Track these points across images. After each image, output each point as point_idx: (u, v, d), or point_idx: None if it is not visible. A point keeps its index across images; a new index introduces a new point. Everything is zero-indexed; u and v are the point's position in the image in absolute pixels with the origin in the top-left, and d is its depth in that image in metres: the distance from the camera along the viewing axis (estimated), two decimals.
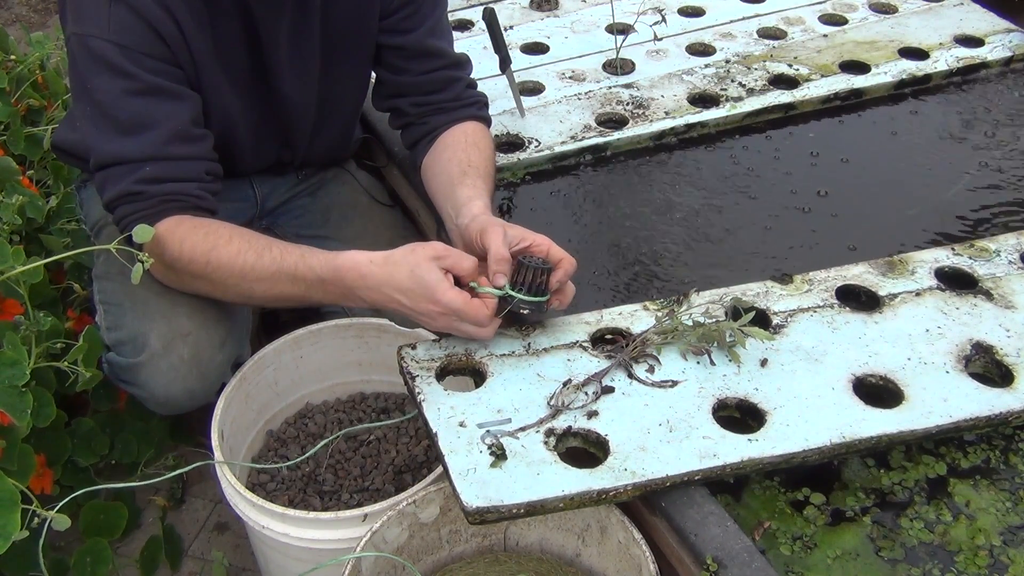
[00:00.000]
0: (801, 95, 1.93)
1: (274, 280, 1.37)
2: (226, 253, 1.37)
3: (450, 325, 1.28)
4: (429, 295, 1.25)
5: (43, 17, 3.84)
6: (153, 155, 1.38)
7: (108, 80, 1.35)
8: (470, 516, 1.10)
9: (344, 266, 1.32)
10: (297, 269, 1.35)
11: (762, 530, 1.19)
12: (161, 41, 1.37)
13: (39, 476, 1.52)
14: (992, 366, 1.30)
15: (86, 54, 1.35)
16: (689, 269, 1.58)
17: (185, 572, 1.83)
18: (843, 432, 1.19)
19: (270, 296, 1.40)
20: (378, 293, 1.30)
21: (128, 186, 1.39)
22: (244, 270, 1.37)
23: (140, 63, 1.36)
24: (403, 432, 1.64)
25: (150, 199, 1.39)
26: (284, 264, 1.36)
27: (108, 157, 1.39)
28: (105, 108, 1.37)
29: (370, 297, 1.31)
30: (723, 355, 1.30)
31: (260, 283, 1.38)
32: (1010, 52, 2.04)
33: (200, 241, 1.38)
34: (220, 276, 1.39)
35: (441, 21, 1.62)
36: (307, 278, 1.35)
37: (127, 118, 1.37)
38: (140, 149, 1.38)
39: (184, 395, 1.53)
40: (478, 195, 1.44)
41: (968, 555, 1.14)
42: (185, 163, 1.42)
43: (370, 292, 1.30)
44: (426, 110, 1.62)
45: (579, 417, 1.22)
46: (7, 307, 1.56)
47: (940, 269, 1.46)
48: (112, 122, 1.38)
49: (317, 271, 1.34)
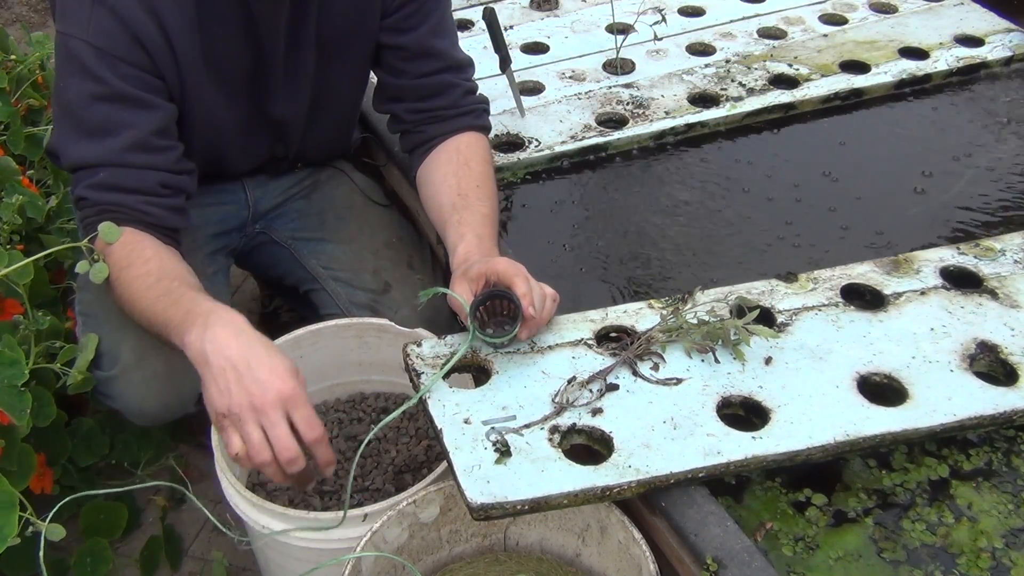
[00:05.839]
0: (801, 95, 1.93)
1: (152, 306, 1.29)
2: (131, 274, 1.32)
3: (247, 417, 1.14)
4: (279, 371, 1.15)
5: (43, 17, 3.84)
6: (109, 161, 1.37)
7: (79, 82, 1.35)
8: (475, 513, 1.10)
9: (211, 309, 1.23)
10: (175, 294, 1.28)
11: (764, 531, 1.18)
12: (140, 47, 1.36)
13: (39, 476, 1.52)
14: (997, 365, 1.30)
15: (64, 54, 1.35)
16: (693, 267, 1.58)
17: (185, 572, 1.82)
18: (847, 430, 1.18)
19: (144, 323, 1.32)
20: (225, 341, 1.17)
21: (80, 190, 1.38)
22: (133, 295, 1.32)
23: (113, 68, 1.35)
24: (403, 432, 1.64)
25: (92, 207, 1.37)
26: (169, 289, 1.30)
27: (71, 160, 1.39)
28: (73, 110, 1.37)
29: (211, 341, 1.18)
30: (727, 353, 1.29)
31: (141, 306, 1.31)
32: (1010, 52, 2.04)
33: (119, 258, 1.34)
34: (119, 293, 1.35)
35: (444, 20, 1.60)
36: (179, 304, 1.26)
37: (92, 122, 1.36)
38: (97, 154, 1.37)
39: (159, 408, 1.52)
40: (463, 235, 1.42)
41: (970, 557, 1.14)
42: (139, 172, 1.39)
43: (216, 340, 1.18)
44: (422, 117, 1.60)
45: (583, 414, 1.21)
46: (7, 307, 1.56)
47: (945, 268, 1.45)
48: (78, 125, 1.37)
49: (194, 300, 1.26)
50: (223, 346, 1.17)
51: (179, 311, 1.25)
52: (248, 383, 1.14)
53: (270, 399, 1.14)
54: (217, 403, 1.16)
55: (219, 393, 1.15)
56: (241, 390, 1.14)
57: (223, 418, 1.16)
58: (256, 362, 1.16)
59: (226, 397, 1.15)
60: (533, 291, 1.28)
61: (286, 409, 1.15)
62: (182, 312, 1.24)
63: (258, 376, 1.15)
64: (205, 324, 1.20)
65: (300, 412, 1.16)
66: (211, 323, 1.19)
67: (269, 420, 1.14)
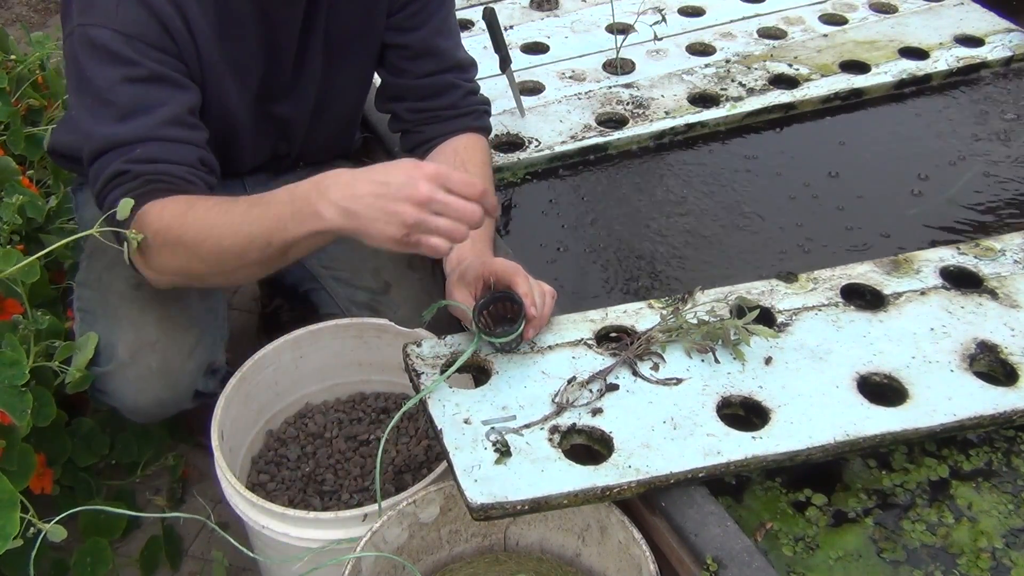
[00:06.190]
0: (801, 95, 1.93)
1: (242, 218, 1.26)
2: (201, 208, 1.30)
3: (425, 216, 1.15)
4: (407, 166, 1.17)
5: (43, 17, 3.84)
6: (146, 136, 1.34)
7: (109, 68, 1.33)
8: (475, 513, 1.10)
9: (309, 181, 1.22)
10: (264, 196, 1.26)
11: (764, 531, 1.18)
12: (168, 36, 1.36)
13: (39, 476, 1.51)
14: (997, 365, 1.30)
15: (88, 44, 1.34)
16: (693, 267, 1.58)
17: (185, 572, 1.82)
18: (847, 430, 1.18)
19: (237, 246, 1.27)
20: (347, 183, 1.19)
21: (118, 166, 1.33)
22: (214, 221, 1.29)
23: (144, 52, 1.34)
24: (403, 432, 1.64)
25: (137, 178, 1.33)
26: (252, 199, 1.28)
27: (102, 142, 1.35)
28: (104, 95, 1.34)
29: (337, 194, 1.18)
30: (727, 353, 1.30)
31: (228, 228, 1.27)
32: (1010, 52, 2.05)
33: (179, 206, 1.31)
34: (192, 235, 1.29)
35: (448, 21, 1.61)
36: (274, 199, 1.25)
37: (125, 103, 1.34)
38: (134, 131, 1.34)
39: (154, 404, 1.52)
40: None
41: (970, 557, 1.14)
42: (179, 146, 1.37)
43: (338, 187, 1.19)
44: (422, 117, 1.61)
45: (583, 414, 1.21)
46: (7, 307, 1.56)
47: (945, 268, 1.46)
48: (110, 108, 1.34)
49: (288, 188, 1.25)
50: (350, 187, 1.17)
51: (281, 205, 1.23)
52: (398, 192, 1.14)
53: (425, 188, 1.14)
54: (393, 230, 1.15)
55: (387, 221, 1.14)
56: (398, 201, 1.14)
57: (408, 235, 1.15)
58: (386, 174, 1.17)
59: (395, 218, 1.14)
60: (533, 290, 1.28)
61: (440, 184, 1.16)
62: (285, 202, 1.23)
63: (399, 180, 1.15)
64: (319, 190, 1.19)
65: (452, 180, 1.16)
66: (324, 185, 1.19)
67: (440, 203, 1.15)
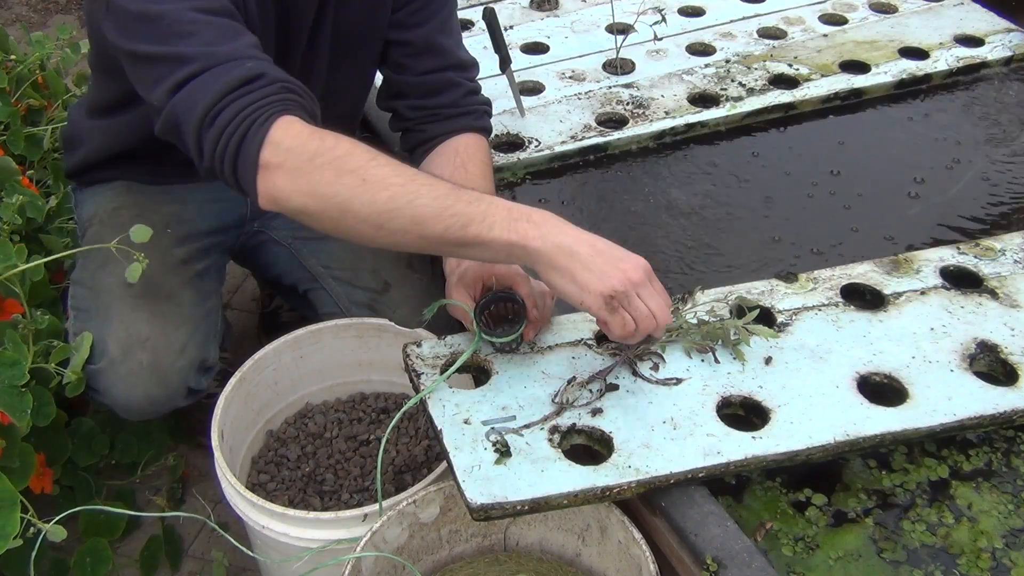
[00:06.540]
0: (801, 95, 1.93)
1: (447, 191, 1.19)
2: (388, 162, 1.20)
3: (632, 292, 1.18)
4: (623, 254, 1.20)
5: (43, 17, 3.84)
6: (252, 55, 1.23)
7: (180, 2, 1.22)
8: (474, 513, 1.10)
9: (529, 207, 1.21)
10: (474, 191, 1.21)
11: (764, 531, 1.18)
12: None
13: (39, 475, 1.51)
14: (997, 365, 1.30)
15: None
16: (693, 267, 1.58)
17: (185, 572, 1.82)
18: (847, 430, 1.19)
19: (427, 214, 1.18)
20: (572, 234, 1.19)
21: (243, 71, 1.19)
22: (409, 177, 1.20)
23: None
24: (403, 432, 1.64)
25: (273, 83, 1.21)
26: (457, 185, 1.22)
27: (204, 59, 1.20)
28: (182, 26, 1.21)
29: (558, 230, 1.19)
30: (727, 353, 1.30)
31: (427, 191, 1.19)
32: (1010, 52, 2.04)
33: (357, 145, 1.22)
34: (378, 179, 1.18)
35: (450, 20, 1.61)
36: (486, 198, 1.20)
37: (212, 29, 1.22)
38: (237, 48, 1.22)
39: (145, 401, 1.52)
40: None
41: (970, 557, 1.14)
42: (279, 69, 1.26)
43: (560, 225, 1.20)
44: (423, 115, 1.61)
45: (583, 414, 1.21)
46: (7, 307, 1.55)
47: (945, 268, 1.46)
48: (192, 33, 1.22)
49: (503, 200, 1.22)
50: (579, 236, 1.20)
51: (496, 205, 1.20)
52: (619, 263, 1.18)
53: (642, 274, 1.19)
54: (600, 286, 1.17)
55: (599, 277, 1.17)
56: (617, 270, 1.17)
57: (610, 300, 1.17)
58: (609, 245, 1.20)
59: (608, 279, 1.17)
60: (533, 290, 1.28)
61: (648, 279, 1.20)
62: (501, 206, 1.20)
63: (621, 255, 1.19)
64: (538, 222, 1.19)
65: (655, 281, 1.22)
66: (544, 219, 1.20)
67: (647, 291, 1.19)
